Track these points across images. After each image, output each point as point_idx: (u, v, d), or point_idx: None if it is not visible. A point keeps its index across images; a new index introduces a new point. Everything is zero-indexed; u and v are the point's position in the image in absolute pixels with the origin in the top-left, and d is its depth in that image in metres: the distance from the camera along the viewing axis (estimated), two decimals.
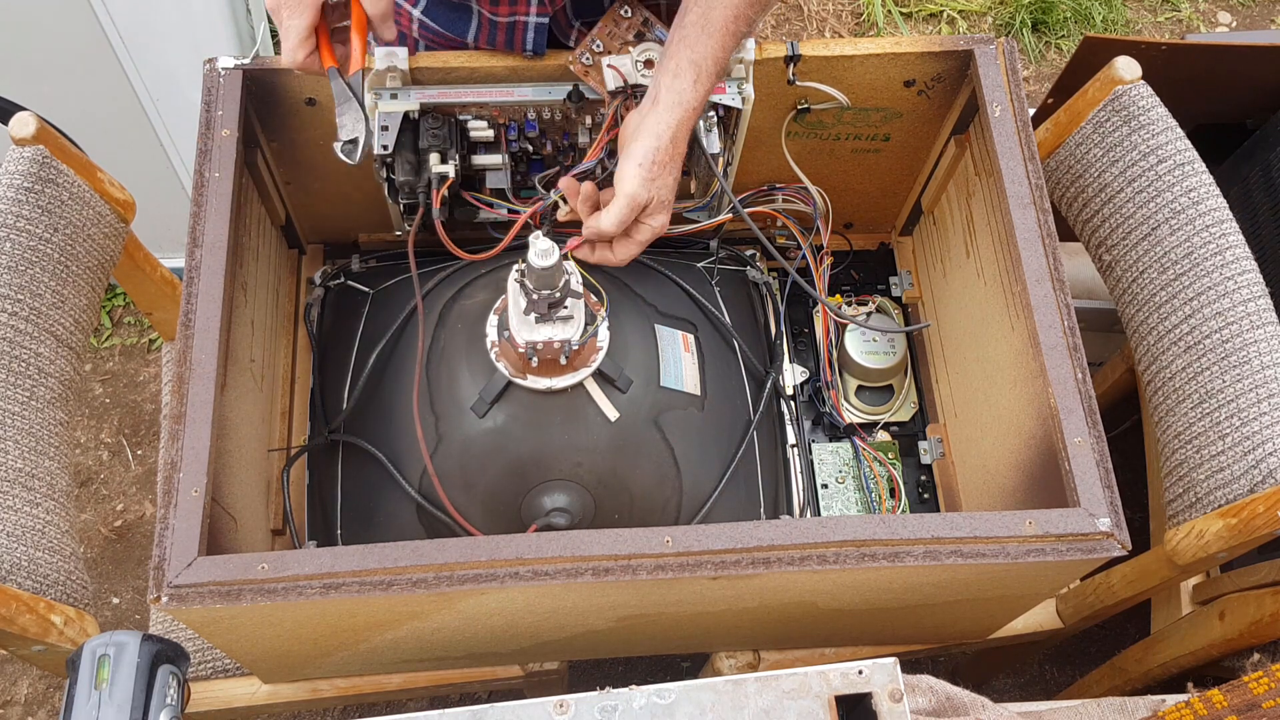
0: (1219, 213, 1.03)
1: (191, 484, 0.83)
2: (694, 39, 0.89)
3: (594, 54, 1.00)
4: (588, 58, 1.00)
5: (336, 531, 1.08)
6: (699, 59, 0.89)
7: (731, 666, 1.14)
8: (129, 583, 1.66)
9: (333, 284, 1.20)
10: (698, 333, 1.11)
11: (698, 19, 0.89)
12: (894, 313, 1.27)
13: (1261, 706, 0.78)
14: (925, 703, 0.80)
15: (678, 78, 0.89)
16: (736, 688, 0.70)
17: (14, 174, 0.99)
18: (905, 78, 1.07)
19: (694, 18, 0.89)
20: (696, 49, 0.89)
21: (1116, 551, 0.84)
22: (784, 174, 1.18)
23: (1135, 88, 1.07)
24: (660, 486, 1.03)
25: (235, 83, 0.99)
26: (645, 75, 0.98)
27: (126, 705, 0.72)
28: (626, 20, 1.00)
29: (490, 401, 0.97)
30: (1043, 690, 1.62)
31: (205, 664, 1.11)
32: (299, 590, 0.80)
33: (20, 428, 0.95)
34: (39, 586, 0.90)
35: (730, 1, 0.88)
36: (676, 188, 0.94)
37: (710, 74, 0.90)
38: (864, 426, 1.22)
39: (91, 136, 1.42)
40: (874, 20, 2.21)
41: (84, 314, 1.05)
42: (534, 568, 0.81)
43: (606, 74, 0.98)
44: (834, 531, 0.83)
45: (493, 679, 1.17)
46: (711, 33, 0.89)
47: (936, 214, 1.22)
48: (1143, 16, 2.25)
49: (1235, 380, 0.95)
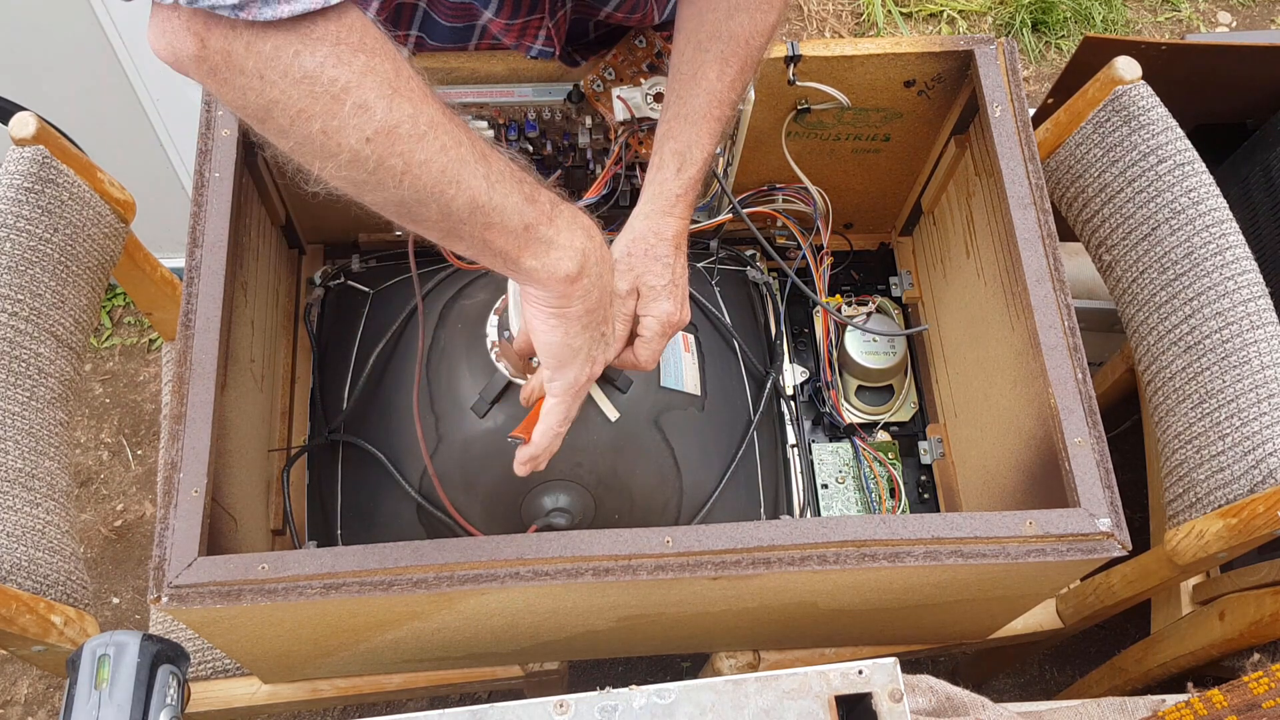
0: (1219, 213, 1.03)
1: (191, 484, 0.83)
2: (677, 130, 0.87)
3: (605, 81, 1.00)
4: (599, 84, 1.00)
5: (336, 531, 1.08)
6: (681, 148, 0.87)
7: (731, 666, 1.14)
8: (129, 583, 1.66)
9: (333, 284, 1.20)
10: (698, 333, 1.11)
11: (676, 111, 0.87)
12: (894, 313, 1.27)
13: (1261, 706, 0.78)
14: (925, 703, 0.80)
15: (660, 170, 0.87)
16: (736, 688, 0.71)
17: (14, 174, 0.99)
18: (905, 78, 1.07)
19: (672, 111, 0.87)
20: (680, 139, 0.87)
21: (1116, 551, 0.84)
22: (784, 174, 1.18)
23: (1135, 88, 1.07)
24: (660, 486, 1.03)
25: None
26: (654, 108, 0.98)
27: (126, 705, 0.72)
28: (640, 50, 1.00)
29: (490, 401, 0.97)
30: (1043, 690, 1.62)
31: (205, 664, 1.11)
32: (299, 590, 0.80)
33: (20, 428, 0.95)
34: (39, 586, 0.90)
35: (707, 89, 0.86)
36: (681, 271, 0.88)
37: (696, 161, 0.87)
38: (864, 426, 1.22)
39: (91, 136, 1.42)
40: (874, 20, 2.21)
41: (84, 314, 1.05)
42: (534, 568, 0.81)
43: (616, 105, 0.98)
44: (834, 531, 0.83)
45: (493, 679, 1.17)
46: (694, 121, 0.86)
47: (936, 214, 1.22)
48: (1143, 16, 2.25)
49: (1235, 380, 0.95)
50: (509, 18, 0.95)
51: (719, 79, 0.85)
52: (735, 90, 0.87)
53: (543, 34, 0.97)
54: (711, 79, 0.85)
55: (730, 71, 0.85)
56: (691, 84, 0.86)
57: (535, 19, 0.95)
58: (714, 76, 0.85)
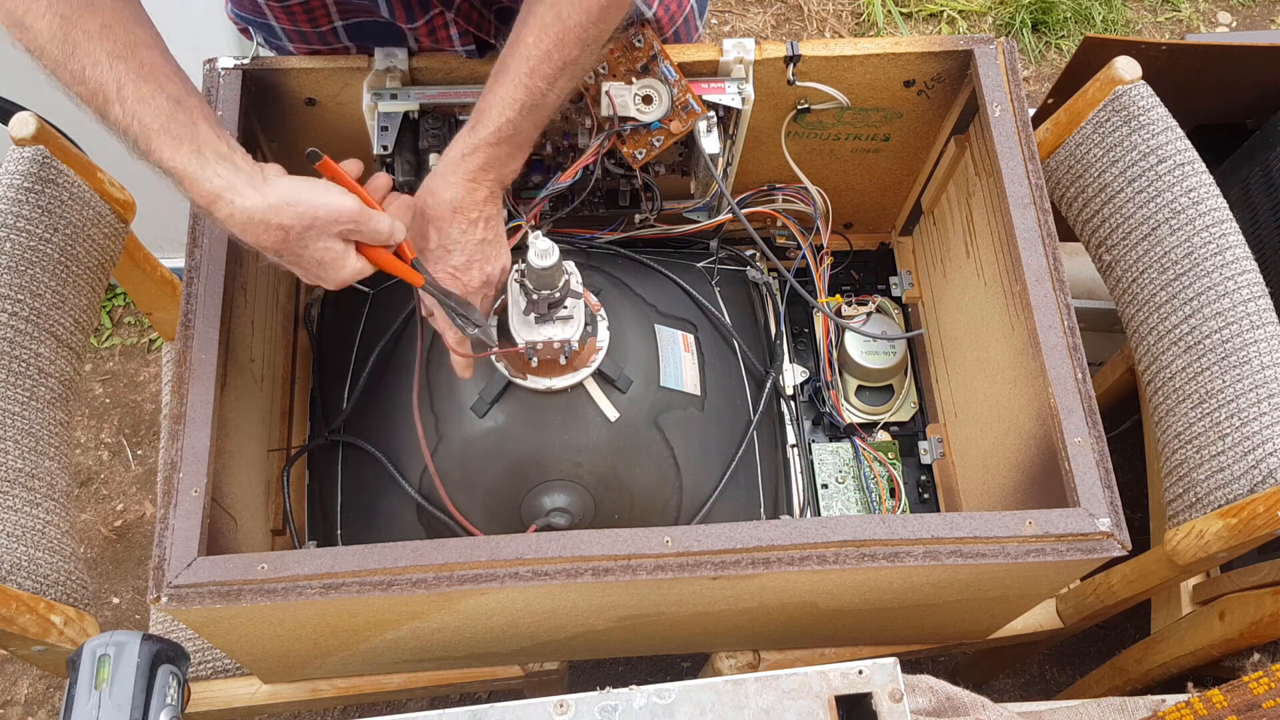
0: (1219, 213, 1.03)
1: (191, 484, 0.83)
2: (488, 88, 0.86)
3: (597, 74, 1.00)
4: (591, 75, 1.00)
5: (336, 531, 1.08)
6: (483, 106, 0.86)
7: (731, 666, 1.14)
8: (129, 583, 1.66)
9: None
10: (698, 333, 1.11)
11: (493, 70, 0.86)
12: (894, 313, 1.27)
13: (1261, 706, 0.78)
14: (925, 703, 0.80)
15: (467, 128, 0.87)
16: (736, 688, 0.70)
17: (14, 174, 0.99)
18: (905, 78, 1.07)
19: (492, 71, 0.87)
20: (486, 97, 0.86)
21: (1116, 551, 0.84)
22: (784, 174, 1.18)
23: (1135, 88, 1.07)
24: (660, 486, 1.03)
25: (235, 83, 0.99)
26: (641, 110, 0.98)
27: (126, 705, 0.72)
28: (638, 49, 0.99)
29: (490, 401, 0.97)
30: (1043, 690, 1.62)
31: (205, 664, 1.11)
32: (299, 590, 0.80)
33: (20, 428, 0.95)
34: (39, 586, 0.90)
35: (523, 52, 0.85)
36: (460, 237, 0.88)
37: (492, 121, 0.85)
38: (864, 426, 1.22)
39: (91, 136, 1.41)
40: (874, 20, 2.21)
41: (84, 314, 1.05)
42: (534, 568, 0.81)
43: (603, 100, 0.98)
44: (834, 531, 0.83)
45: (493, 679, 1.17)
46: (502, 80, 0.85)
47: (936, 214, 1.22)
48: (1143, 16, 2.25)
49: (1235, 380, 0.95)
50: (407, 21, 0.96)
51: (535, 44, 0.84)
52: (550, 63, 0.84)
53: (454, 30, 0.97)
54: (529, 42, 0.84)
55: (546, 40, 0.84)
56: (512, 46, 0.85)
57: (437, 15, 0.95)
58: (531, 41, 0.84)
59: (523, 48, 0.84)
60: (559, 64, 0.85)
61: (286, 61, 1.01)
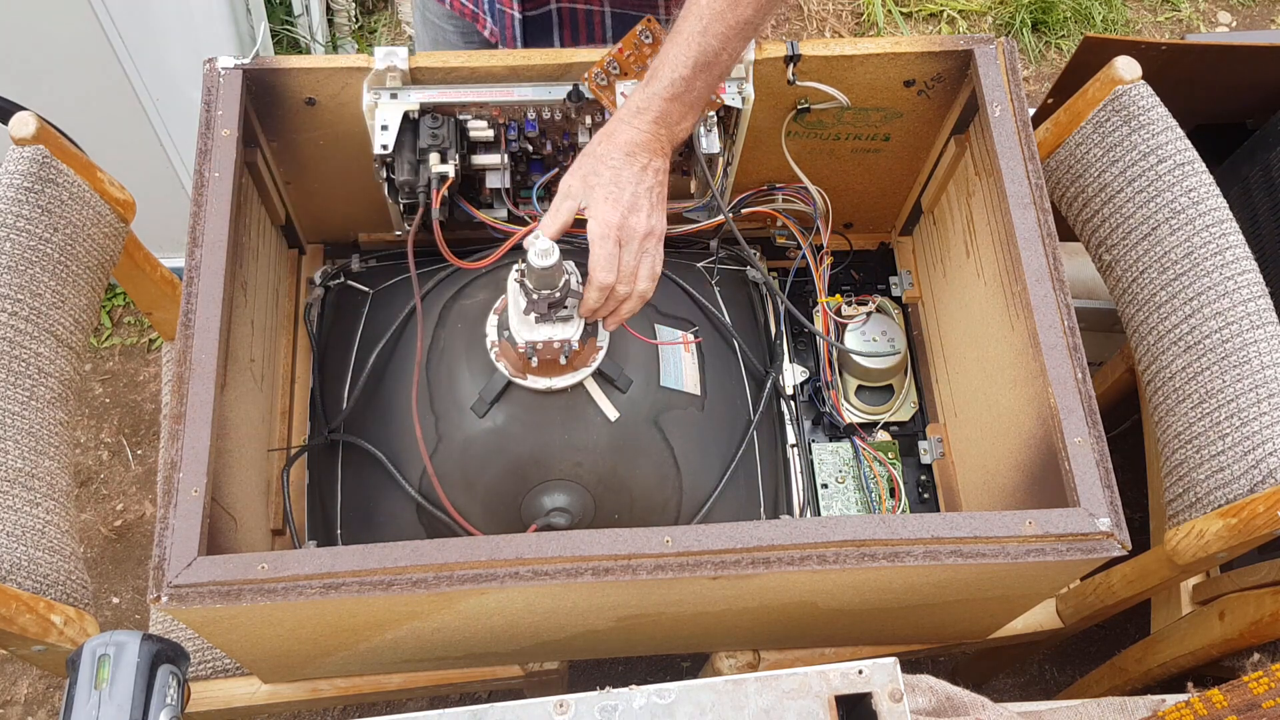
0: (1219, 213, 1.03)
1: (191, 484, 0.83)
2: (662, 50, 0.89)
3: (609, 75, 1.00)
4: (603, 78, 1.00)
5: (336, 531, 1.08)
6: (656, 64, 0.89)
7: (731, 666, 1.14)
8: (129, 583, 1.66)
9: (333, 284, 1.20)
10: (698, 333, 1.11)
11: (669, 34, 0.89)
12: (894, 312, 1.27)
13: (1261, 706, 0.77)
14: (925, 703, 0.80)
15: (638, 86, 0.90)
16: (736, 688, 0.70)
17: (14, 174, 0.99)
18: (905, 77, 1.07)
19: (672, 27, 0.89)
20: (659, 57, 0.89)
21: (1116, 551, 0.84)
22: (784, 174, 1.18)
23: (1135, 88, 1.07)
24: (660, 486, 1.03)
25: (235, 82, 0.99)
26: None
27: (126, 705, 0.72)
28: (647, 46, 1.00)
29: (490, 401, 0.97)
30: (1043, 690, 1.62)
31: (205, 664, 1.11)
32: (299, 590, 0.80)
33: (20, 428, 0.95)
34: (39, 586, 0.90)
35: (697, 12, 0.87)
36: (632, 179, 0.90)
37: (663, 77, 0.88)
38: (864, 426, 1.22)
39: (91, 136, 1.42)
40: (874, 20, 2.21)
41: (84, 314, 1.05)
42: (534, 568, 0.81)
43: (619, 99, 0.98)
44: (834, 531, 0.83)
45: (493, 679, 1.17)
46: (675, 40, 0.88)
47: (936, 214, 1.22)
48: (1143, 16, 2.25)
49: (1235, 380, 0.95)
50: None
51: (710, 3, 0.86)
52: (723, 21, 0.87)
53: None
54: (703, 2, 0.87)
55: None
56: (688, 6, 0.88)
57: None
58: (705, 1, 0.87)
59: (697, 7, 0.87)
60: (732, 23, 0.87)
61: (286, 61, 1.01)
